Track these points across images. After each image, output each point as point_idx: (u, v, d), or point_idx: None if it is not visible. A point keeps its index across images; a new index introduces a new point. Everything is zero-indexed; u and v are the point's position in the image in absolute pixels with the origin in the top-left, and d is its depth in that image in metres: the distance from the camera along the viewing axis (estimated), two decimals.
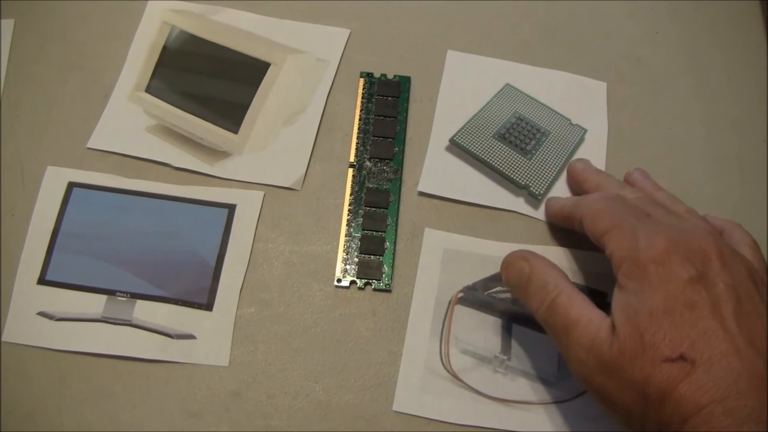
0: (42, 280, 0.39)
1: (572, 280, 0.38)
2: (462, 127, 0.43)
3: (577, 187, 0.41)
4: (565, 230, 0.41)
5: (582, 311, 0.31)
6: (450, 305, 0.38)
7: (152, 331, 0.38)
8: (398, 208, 0.41)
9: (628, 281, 0.30)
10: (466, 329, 0.38)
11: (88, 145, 0.43)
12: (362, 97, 0.44)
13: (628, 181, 0.39)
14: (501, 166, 0.42)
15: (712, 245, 0.30)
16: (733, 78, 0.46)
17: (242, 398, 0.37)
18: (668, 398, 0.27)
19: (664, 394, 0.27)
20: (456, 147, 0.43)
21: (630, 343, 0.28)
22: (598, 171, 0.40)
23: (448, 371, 0.37)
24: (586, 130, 0.44)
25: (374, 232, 0.40)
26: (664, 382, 0.27)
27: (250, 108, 0.44)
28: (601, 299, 0.38)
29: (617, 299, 0.30)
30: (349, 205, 0.41)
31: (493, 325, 0.38)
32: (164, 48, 0.46)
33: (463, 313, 0.38)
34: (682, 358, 0.27)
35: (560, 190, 0.42)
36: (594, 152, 0.43)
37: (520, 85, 0.45)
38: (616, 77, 0.46)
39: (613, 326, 0.29)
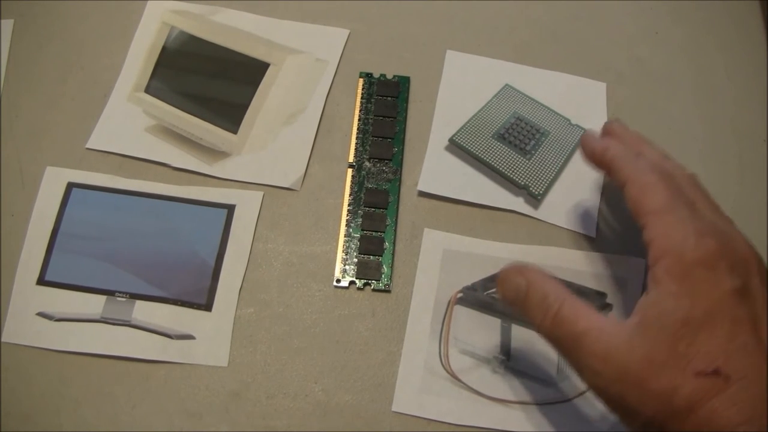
0: (41, 281, 0.39)
1: (573, 281, 0.39)
2: (461, 127, 0.43)
3: (601, 164, 0.35)
4: (565, 231, 0.41)
5: (590, 320, 0.28)
6: (449, 305, 0.38)
7: (151, 331, 0.38)
8: (397, 208, 0.41)
9: (667, 279, 0.27)
10: (466, 330, 0.38)
11: (88, 146, 0.43)
12: (361, 97, 0.44)
13: (648, 149, 0.35)
14: (500, 166, 0.42)
15: (753, 256, 0.28)
16: (733, 78, 0.46)
17: (242, 398, 0.37)
18: (697, 412, 0.25)
19: (693, 408, 0.25)
20: (455, 147, 0.43)
21: (659, 352, 0.26)
22: (639, 134, 0.36)
23: (447, 372, 0.37)
24: (585, 131, 0.44)
25: (373, 233, 0.40)
26: (695, 395, 0.25)
27: (249, 108, 0.43)
28: (601, 300, 0.38)
29: (650, 298, 0.28)
30: (349, 205, 0.41)
31: (493, 325, 0.38)
32: (164, 48, 0.46)
33: (462, 313, 0.38)
34: (716, 372, 0.25)
35: (560, 190, 0.42)
36: None
37: (520, 86, 0.45)
38: (616, 77, 0.46)
39: (637, 328, 0.27)
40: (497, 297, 0.38)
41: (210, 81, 0.44)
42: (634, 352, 0.27)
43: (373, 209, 0.41)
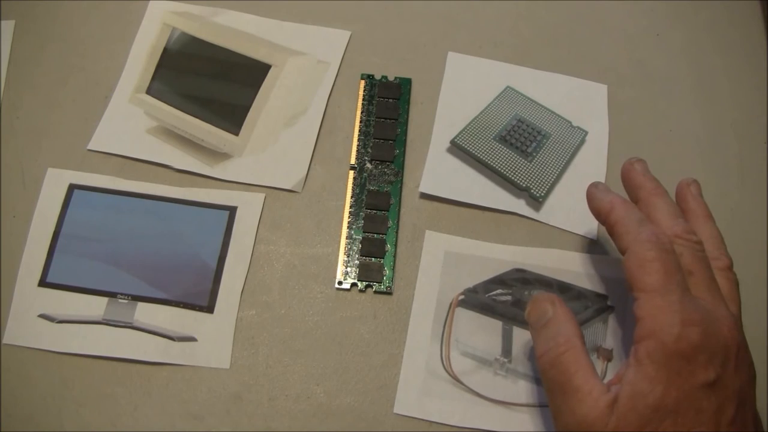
0: (43, 283, 0.39)
1: (574, 284, 0.39)
2: (463, 129, 0.43)
3: (628, 188, 0.36)
4: (567, 233, 0.41)
5: (585, 379, 0.30)
6: (451, 308, 0.38)
7: (153, 333, 0.38)
8: (399, 210, 0.41)
9: (647, 362, 0.29)
10: (467, 332, 0.38)
11: (89, 147, 0.43)
12: (363, 99, 0.44)
13: (680, 195, 0.36)
14: (502, 168, 0.42)
15: (733, 342, 0.29)
16: (734, 79, 0.46)
17: (243, 400, 0.37)
18: None
19: None
20: (457, 149, 0.43)
21: (626, 428, 0.28)
22: (658, 184, 0.35)
23: (449, 374, 0.37)
24: (586, 132, 0.44)
25: (375, 235, 0.40)
26: None
27: (250, 110, 0.43)
28: (602, 303, 0.38)
29: (628, 375, 0.29)
30: (350, 207, 0.41)
31: (494, 327, 0.38)
32: (165, 50, 0.46)
33: (463, 315, 0.38)
34: None
35: (562, 192, 0.42)
36: (595, 154, 0.43)
37: (521, 88, 0.45)
38: (617, 79, 0.46)
39: (615, 403, 0.29)
40: (499, 299, 0.39)
41: (211, 82, 0.44)
42: (607, 426, 0.28)
43: (374, 211, 0.41)
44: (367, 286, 0.39)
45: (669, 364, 0.28)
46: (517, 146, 0.43)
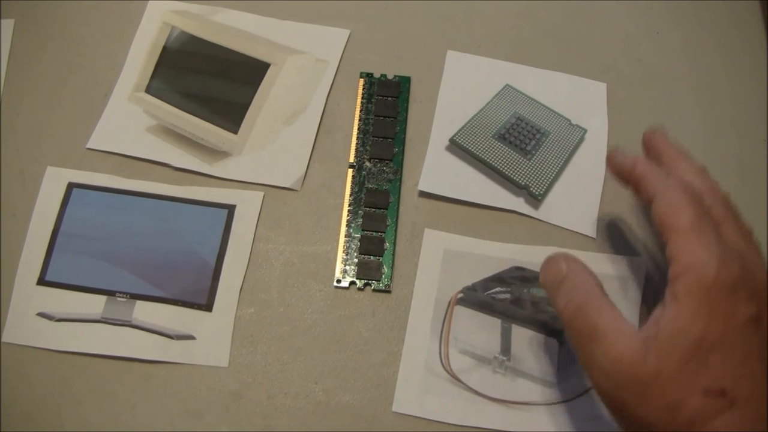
0: (42, 281, 0.39)
1: None
2: (462, 127, 0.43)
3: (650, 153, 0.36)
4: (565, 231, 0.41)
5: (612, 321, 0.29)
6: (450, 306, 0.38)
7: (152, 331, 0.38)
8: (398, 208, 0.41)
9: (687, 297, 0.28)
10: (466, 330, 0.38)
11: (88, 146, 0.43)
12: (362, 98, 0.44)
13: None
14: (501, 166, 0.42)
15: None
16: (733, 78, 0.46)
17: (242, 399, 0.37)
18: (698, 428, 0.26)
19: (694, 424, 0.26)
20: (456, 147, 0.43)
21: (671, 366, 0.27)
22: (679, 149, 0.36)
23: (447, 372, 0.37)
24: (586, 130, 0.44)
25: (374, 233, 0.40)
26: (699, 412, 0.26)
27: (249, 108, 0.44)
28: None
29: (667, 313, 0.28)
30: (349, 205, 0.41)
31: (493, 325, 0.38)
32: (164, 48, 0.46)
33: (462, 313, 0.38)
34: (722, 393, 0.26)
35: (561, 190, 0.42)
36: (594, 152, 0.43)
37: (520, 86, 0.45)
38: (616, 78, 0.46)
39: (653, 340, 0.28)
40: (498, 297, 0.39)
41: (211, 81, 0.44)
42: (646, 362, 0.27)
43: (373, 209, 0.41)
44: (365, 285, 0.39)
45: (710, 298, 0.27)
46: (516, 144, 0.43)
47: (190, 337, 0.38)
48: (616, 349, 0.28)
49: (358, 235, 0.40)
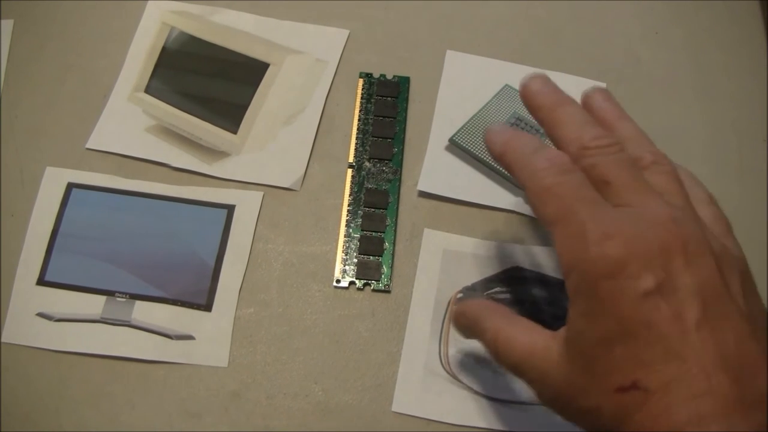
0: (41, 281, 0.39)
1: None
2: (461, 127, 0.43)
3: (532, 114, 0.32)
4: None
5: (523, 347, 0.28)
6: (449, 306, 0.38)
7: (151, 331, 0.38)
8: (397, 208, 0.41)
9: (576, 297, 0.26)
10: None
11: (87, 146, 0.43)
12: (361, 98, 0.44)
13: (587, 107, 0.32)
14: (501, 166, 0.42)
15: (675, 237, 0.25)
16: (733, 78, 0.46)
17: (241, 399, 0.37)
18: (624, 428, 0.24)
19: (619, 425, 0.24)
20: (456, 147, 0.43)
21: (580, 373, 0.25)
22: (558, 97, 0.31)
23: (447, 372, 0.37)
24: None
25: (373, 233, 0.40)
26: (617, 412, 0.24)
27: (249, 108, 0.43)
28: None
29: (571, 318, 0.26)
30: (348, 205, 0.41)
31: None
32: (163, 49, 0.46)
33: None
34: (634, 386, 0.24)
35: None
36: None
37: None
38: (616, 78, 0.46)
39: (563, 348, 0.26)
40: (497, 297, 0.38)
41: (210, 81, 0.44)
42: (562, 374, 0.26)
43: (373, 209, 0.41)
44: (365, 285, 0.39)
45: (596, 292, 0.25)
46: None
47: (190, 338, 0.38)
48: (536, 372, 0.27)
49: (357, 235, 0.40)
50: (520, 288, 0.39)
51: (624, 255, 0.25)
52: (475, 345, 0.37)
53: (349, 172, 0.42)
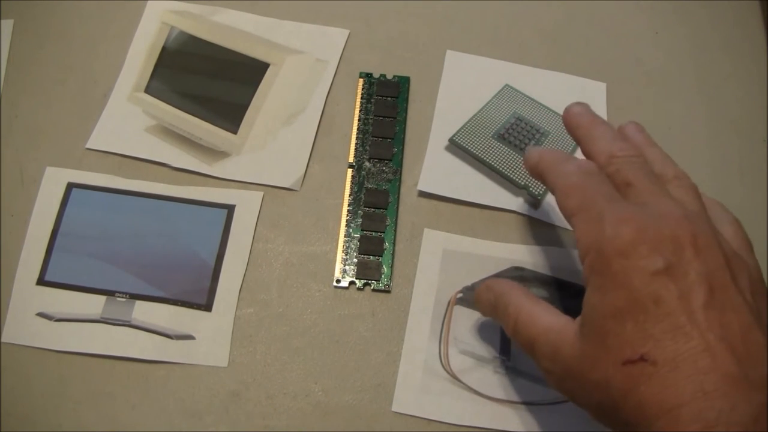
0: (41, 281, 0.39)
1: (573, 281, 0.39)
2: (461, 127, 0.43)
3: (570, 133, 0.35)
4: (565, 231, 0.41)
5: (542, 323, 0.30)
6: (449, 306, 0.38)
7: (151, 331, 0.38)
8: (397, 208, 0.41)
9: (591, 275, 0.27)
10: (466, 330, 0.38)
11: (87, 146, 0.43)
12: (361, 98, 0.44)
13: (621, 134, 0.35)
14: (500, 166, 0.42)
15: (686, 231, 0.27)
16: (734, 78, 0.46)
17: (241, 399, 0.37)
18: (630, 400, 0.25)
19: (626, 396, 0.25)
20: (455, 147, 0.43)
21: (592, 347, 0.27)
22: (594, 118, 0.34)
23: (447, 372, 0.37)
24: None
25: (373, 233, 0.40)
26: (625, 384, 0.25)
27: (249, 108, 0.43)
28: None
29: (586, 296, 0.28)
30: (349, 205, 0.41)
31: (493, 325, 0.38)
32: (163, 49, 0.46)
33: (462, 313, 0.38)
34: (642, 359, 0.25)
35: None
36: None
37: (520, 86, 0.45)
38: (616, 78, 0.46)
39: (579, 326, 0.28)
40: None
41: (210, 81, 0.44)
42: (574, 350, 0.28)
43: (373, 209, 0.41)
44: (365, 285, 0.39)
45: (610, 268, 0.27)
46: (516, 144, 0.43)
47: (190, 337, 0.38)
48: (550, 347, 0.29)
49: (357, 235, 0.40)
50: None
51: (636, 237, 0.26)
52: (475, 345, 0.38)
53: (349, 172, 0.42)
